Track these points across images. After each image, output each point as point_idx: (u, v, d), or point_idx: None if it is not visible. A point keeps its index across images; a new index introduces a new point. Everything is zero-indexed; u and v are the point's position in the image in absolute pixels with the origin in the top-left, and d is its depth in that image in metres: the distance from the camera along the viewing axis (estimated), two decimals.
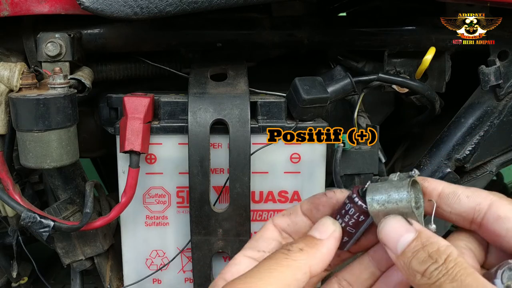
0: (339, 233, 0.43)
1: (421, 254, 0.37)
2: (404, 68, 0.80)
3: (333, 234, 0.42)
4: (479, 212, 0.40)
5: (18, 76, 0.62)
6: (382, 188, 0.41)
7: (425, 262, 0.36)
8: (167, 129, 0.67)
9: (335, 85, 0.71)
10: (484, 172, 0.78)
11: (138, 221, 0.70)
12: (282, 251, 0.41)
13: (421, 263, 0.36)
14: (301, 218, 0.46)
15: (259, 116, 0.68)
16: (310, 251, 0.41)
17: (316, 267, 0.41)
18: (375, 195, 0.41)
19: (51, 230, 0.65)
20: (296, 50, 0.88)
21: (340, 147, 0.70)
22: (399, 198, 0.40)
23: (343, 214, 0.43)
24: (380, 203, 0.40)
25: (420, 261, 0.36)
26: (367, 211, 0.41)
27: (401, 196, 0.40)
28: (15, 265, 0.92)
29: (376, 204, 0.41)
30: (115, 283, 0.81)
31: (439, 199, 0.41)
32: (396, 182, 0.41)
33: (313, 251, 0.41)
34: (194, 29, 0.77)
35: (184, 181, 0.68)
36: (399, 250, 0.38)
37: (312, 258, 0.41)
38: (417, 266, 0.36)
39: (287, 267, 0.40)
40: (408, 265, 0.37)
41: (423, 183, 0.42)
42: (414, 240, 0.38)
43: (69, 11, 0.66)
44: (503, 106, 0.74)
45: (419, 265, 0.36)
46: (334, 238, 0.42)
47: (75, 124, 0.64)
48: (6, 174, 0.66)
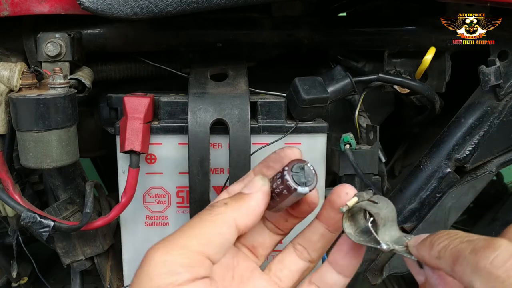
0: (268, 187, 0.43)
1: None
2: (404, 68, 0.80)
3: (261, 188, 0.42)
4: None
5: (18, 76, 0.62)
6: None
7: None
8: (167, 129, 0.67)
9: (335, 85, 0.71)
10: (484, 172, 0.78)
11: (138, 221, 0.70)
12: (207, 208, 0.41)
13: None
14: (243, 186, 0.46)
15: (259, 116, 0.68)
16: (235, 204, 0.41)
17: (244, 220, 0.40)
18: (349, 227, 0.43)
19: (51, 230, 0.65)
20: (296, 50, 0.88)
21: (349, 150, 0.70)
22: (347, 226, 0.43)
23: (274, 179, 0.43)
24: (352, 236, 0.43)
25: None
26: (289, 188, 0.42)
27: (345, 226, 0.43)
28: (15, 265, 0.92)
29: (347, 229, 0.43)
30: (115, 283, 0.81)
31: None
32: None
33: (238, 204, 0.41)
34: (194, 29, 0.77)
35: (184, 181, 0.68)
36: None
37: (237, 211, 0.40)
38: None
39: (210, 221, 0.39)
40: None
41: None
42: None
43: (69, 11, 0.66)
44: (503, 106, 0.74)
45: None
46: (262, 192, 0.42)
47: (75, 124, 0.64)
48: (6, 174, 0.66)
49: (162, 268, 0.36)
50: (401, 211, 0.78)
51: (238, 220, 0.40)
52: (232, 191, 0.47)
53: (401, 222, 0.78)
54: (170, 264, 0.36)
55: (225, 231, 0.39)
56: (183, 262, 0.36)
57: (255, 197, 0.42)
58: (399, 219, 0.78)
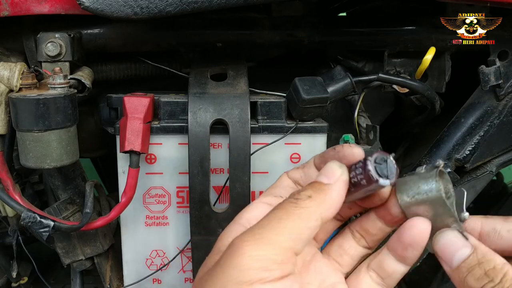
0: (347, 176, 0.41)
1: (476, 271, 0.36)
2: (404, 68, 0.80)
3: (340, 177, 0.41)
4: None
5: (18, 76, 0.62)
6: (410, 181, 0.41)
7: (481, 280, 0.36)
8: (167, 129, 0.67)
9: (335, 85, 0.71)
10: (484, 172, 0.78)
11: (138, 221, 0.70)
12: (291, 200, 0.39)
13: (477, 280, 0.36)
14: (313, 170, 0.46)
15: (259, 116, 0.68)
16: (319, 197, 0.39)
17: (327, 213, 0.39)
18: (404, 189, 0.41)
19: (51, 230, 0.65)
20: (296, 50, 0.88)
21: None
22: (428, 189, 0.40)
23: (352, 169, 0.42)
24: (410, 196, 0.40)
25: (476, 278, 0.36)
26: (370, 179, 0.40)
27: (430, 186, 0.40)
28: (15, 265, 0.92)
29: (406, 197, 0.41)
30: (115, 283, 0.81)
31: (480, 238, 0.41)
32: (423, 174, 0.41)
33: (322, 197, 0.39)
34: (194, 29, 0.77)
35: (184, 181, 0.68)
36: (454, 264, 0.38)
37: (322, 204, 0.39)
38: (472, 282, 0.36)
39: (298, 215, 0.38)
40: (462, 280, 0.37)
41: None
42: (470, 255, 0.37)
43: (69, 11, 0.66)
44: (503, 106, 0.74)
45: (475, 282, 0.36)
46: (342, 181, 0.41)
47: (75, 124, 0.64)
48: (6, 174, 0.66)
49: (254, 263, 0.35)
50: None
51: (322, 214, 0.39)
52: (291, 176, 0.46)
53: None
54: (263, 260, 0.35)
55: (312, 225, 0.38)
56: (276, 259, 0.36)
57: (337, 188, 0.40)
58: None
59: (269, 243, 0.36)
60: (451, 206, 0.40)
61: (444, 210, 0.40)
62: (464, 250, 0.38)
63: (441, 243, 0.39)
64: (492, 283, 0.35)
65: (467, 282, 0.36)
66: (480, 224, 0.42)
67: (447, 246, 0.39)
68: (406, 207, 0.41)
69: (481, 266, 0.36)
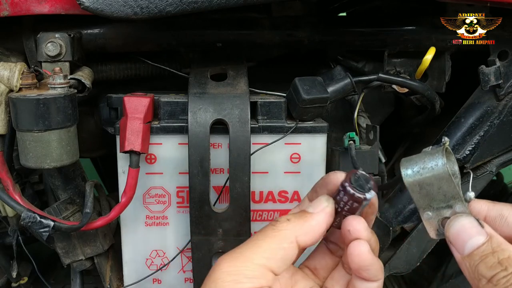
0: (331, 209, 0.44)
1: (490, 259, 0.36)
2: (404, 68, 0.80)
3: (324, 210, 0.43)
4: None
5: (18, 76, 0.62)
6: (416, 158, 0.41)
7: (494, 268, 0.35)
8: (167, 129, 0.67)
9: (335, 85, 0.71)
10: (484, 172, 0.78)
11: (138, 221, 0.70)
12: (271, 223, 0.43)
13: (489, 269, 0.35)
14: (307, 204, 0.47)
15: (259, 116, 0.68)
16: (298, 221, 0.43)
17: (304, 238, 0.42)
18: (409, 164, 0.41)
19: (51, 230, 0.65)
20: (296, 50, 0.88)
21: (353, 145, 0.70)
22: (434, 164, 0.39)
23: (338, 200, 0.44)
24: (415, 171, 0.40)
25: (489, 266, 0.36)
26: (358, 199, 0.42)
27: (436, 161, 0.39)
28: (15, 265, 0.92)
29: (411, 172, 0.41)
30: (115, 283, 0.81)
31: (486, 223, 0.40)
32: (430, 151, 0.41)
33: (300, 222, 0.43)
34: (194, 29, 0.77)
35: (184, 181, 0.68)
36: (466, 251, 0.37)
37: (298, 228, 0.42)
38: (484, 270, 0.36)
39: (273, 237, 0.42)
40: (474, 268, 0.36)
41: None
42: (484, 243, 0.37)
43: (69, 11, 0.66)
44: (503, 106, 0.74)
45: (487, 270, 0.35)
46: (325, 213, 0.43)
47: (75, 124, 0.64)
48: (6, 174, 0.66)
49: (227, 277, 0.40)
50: (401, 211, 0.78)
51: (298, 237, 0.42)
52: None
53: (401, 221, 0.78)
54: (235, 274, 0.40)
55: (286, 246, 0.41)
56: (247, 274, 0.40)
57: (317, 217, 0.43)
58: (399, 219, 0.78)
59: (243, 260, 0.41)
60: (457, 185, 0.40)
61: (448, 188, 0.39)
62: (478, 238, 0.37)
63: (455, 228, 0.39)
64: (505, 272, 0.35)
65: (479, 270, 0.36)
66: (486, 208, 0.42)
67: (461, 232, 0.38)
68: (411, 183, 0.41)
69: (495, 255, 0.36)
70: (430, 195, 0.41)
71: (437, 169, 0.39)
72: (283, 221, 0.43)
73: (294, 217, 0.43)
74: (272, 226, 0.43)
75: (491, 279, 0.35)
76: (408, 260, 0.79)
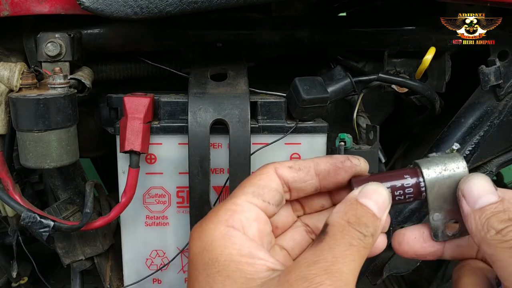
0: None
1: (501, 215, 0.37)
2: (404, 68, 0.80)
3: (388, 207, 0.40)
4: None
5: (18, 76, 0.62)
6: (435, 159, 0.42)
7: (505, 222, 0.37)
8: (167, 129, 0.67)
9: (335, 85, 0.71)
10: (484, 172, 0.77)
11: (138, 221, 0.70)
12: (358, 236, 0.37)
13: (501, 222, 0.37)
14: (312, 178, 0.43)
15: (259, 116, 0.68)
16: (376, 235, 0.38)
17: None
18: (430, 165, 0.42)
19: (51, 230, 0.65)
20: (296, 50, 0.88)
21: (342, 146, 0.70)
22: (456, 166, 0.41)
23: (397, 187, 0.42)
24: (437, 172, 0.41)
25: (500, 220, 0.37)
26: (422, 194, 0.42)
27: (457, 163, 0.41)
28: (15, 265, 0.92)
29: (433, 172, 0.41)
30: (115, 283, 0.81)
31: None
32: (446, 154, 0.42)
33: (377, 235, 0.38)
34: (194, 29, 0.77)
35: (184, 181, 0.68)
36: (478, 205, 0.39)
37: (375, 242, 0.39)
38: (495, 223, 0.37)
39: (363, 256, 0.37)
40: (484, 220, 0.38)
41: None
42: (497, 202, 0.38)
43: (69, 11, 0.66)
44: (503, 106, 0.74)
45: (498, 223, 0.37)
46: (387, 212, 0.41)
47: (75, 124, 0.64)
48: (6, 174, 0.66)
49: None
50: (401, 211, 0.78)
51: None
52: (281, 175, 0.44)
53: (401, 222, 0.78)
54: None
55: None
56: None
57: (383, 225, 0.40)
58: (399, 219, 0.78)
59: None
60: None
61: None
62: (492, 196, 0.39)
63: (471, 182, 0.40)
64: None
65: (489, 222, 0.37)
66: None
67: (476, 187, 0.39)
68: (431, 183, 0.41)
69: (506, 213, 0.37)
70: (444, 196, 0.42)
71: (458, 171, 0.41)
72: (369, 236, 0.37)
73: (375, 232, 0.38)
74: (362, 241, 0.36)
75: (501, 231, 0.36)
76: (408, 260, 0.79)
